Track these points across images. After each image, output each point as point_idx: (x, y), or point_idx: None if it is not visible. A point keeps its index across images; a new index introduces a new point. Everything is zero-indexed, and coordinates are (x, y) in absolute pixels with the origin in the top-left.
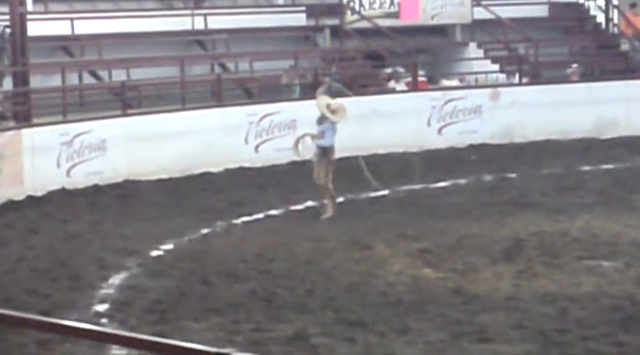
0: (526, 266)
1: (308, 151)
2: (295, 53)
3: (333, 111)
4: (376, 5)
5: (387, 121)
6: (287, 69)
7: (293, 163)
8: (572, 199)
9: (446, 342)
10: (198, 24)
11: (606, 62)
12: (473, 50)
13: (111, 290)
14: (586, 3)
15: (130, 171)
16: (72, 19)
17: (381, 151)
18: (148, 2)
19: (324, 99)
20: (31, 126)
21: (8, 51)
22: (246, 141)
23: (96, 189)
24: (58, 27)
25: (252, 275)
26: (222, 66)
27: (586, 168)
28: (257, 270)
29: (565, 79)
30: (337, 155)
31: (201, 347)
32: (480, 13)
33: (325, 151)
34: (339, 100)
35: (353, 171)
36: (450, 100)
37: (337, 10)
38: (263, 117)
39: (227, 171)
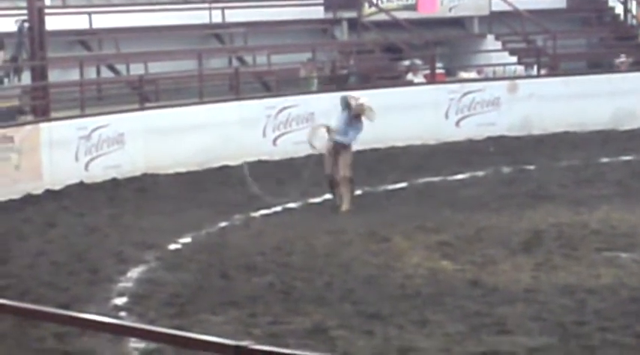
0: (545, 258)
1: (321, 143)
2: (313, 46)
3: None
4: None
5: (405, 114)
6: (305, 62)
7: (311, 156)
8: (590, 191)
9: (464, 334)
10: (216, 17)
11: (624, 54)
12: (491, 42)
13: (129, 284)
14: None
15: (148, 165)
16: (90, 13)
17: (400, 144)
18: None
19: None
20: (50, 120)
21: (26, 45)
22: (264, 134)
23: (114, 182)
24: (76, 21)
25: (270, 268)
26: (240, 59)
27: (605, 159)
28: (275, 263)
29: (583, 71)
30: (356, 147)
31: (220, 340)
32: (498, 5)
33: (346, 146)
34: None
35: (369, 163)
36: (468, 93)
37: (355, 3)
38: (281, 110)
39: (245, 164)
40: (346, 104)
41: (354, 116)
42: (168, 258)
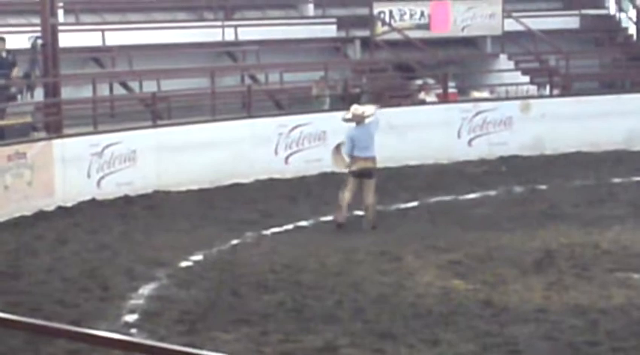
0: (556, 278)
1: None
2: (325, 64)
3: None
4: (406, 17)
5: (417, 133)
6: (317, 80)
7: (323, 175)
8: (602, 211)
9: (476, 354)
10: (229, 35)
11: (637, 74)
12: (503, 62)
13: (140, 301)
14: (617, 15)
15: (160, 182)
16: (103, 31)
17: (412, 163)
18: (178, 13)
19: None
20: (62, 137)
21: (40, 62)
22: (276, 153)
23: (126, 199)
24: (89, 38)
25: (281, 286)
26: (253, 77)
27: (617, 180)
28: (286, 281)
29: (595, 91)
30: None
31: None
32: (511, 25)
33: (372, 173)
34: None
35: (381, 182)
36: (480, 112)
37: (367, 22)
38: (293, 129)
39: (257, 182)
40: (350, 119)
41: (359, 123)
42: (180, 275)
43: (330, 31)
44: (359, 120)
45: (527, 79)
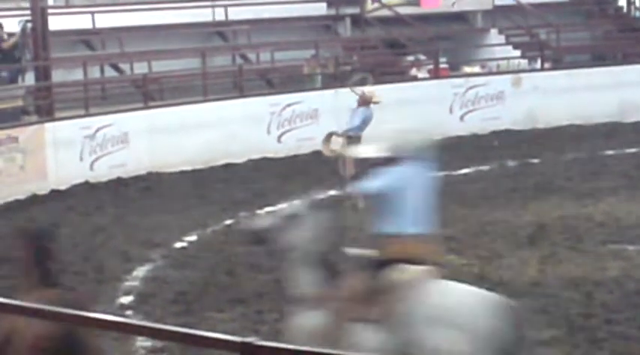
0: (550, 251)
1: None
2: (316, 43)
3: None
4: None
5: (409, 109)
6: (308, 58)
7: (315, 153)
8: (596, 183)
9: None
10: (219, 15)
11: (628, 46)
12: (494, 36)
13: (135, 283)
14: None
15: (153, 163)
16: (93, 13)
17: None
18: None
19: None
20: (54, 120)
21: (30, 45)
22: (269, 132)
23: (119, 181)
24: (80, 21)
25: (276, 266)
26: (244, 57)
27: (609, 152)
28: (281, 260)
29: (587, 64)
30: None
31: (226, 337)
32: None
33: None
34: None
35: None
36: (471, 87)
37: None
38: (285, 108)
39: (250, 161)
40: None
41: (362, 105)
42: (174, 256)
43: (321, 8)
44: (366, 102)
45: (518, 53)
